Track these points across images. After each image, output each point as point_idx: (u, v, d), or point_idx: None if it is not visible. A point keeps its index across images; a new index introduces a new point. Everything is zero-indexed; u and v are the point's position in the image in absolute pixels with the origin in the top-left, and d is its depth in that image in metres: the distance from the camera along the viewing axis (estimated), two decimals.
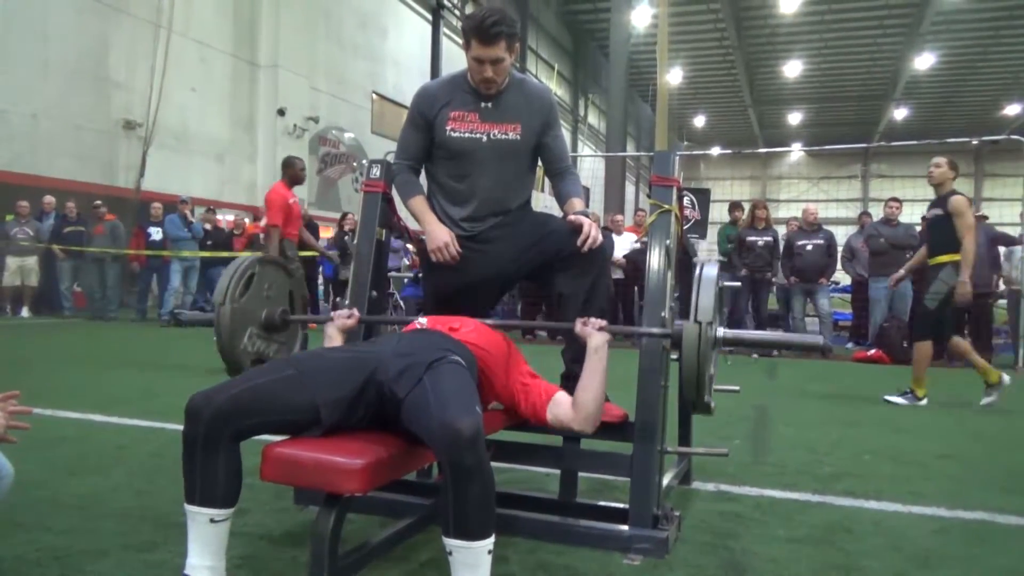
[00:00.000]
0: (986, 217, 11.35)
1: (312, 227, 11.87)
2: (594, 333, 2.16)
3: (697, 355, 2.00)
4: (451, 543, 1.61)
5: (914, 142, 25.58)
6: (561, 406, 2.12)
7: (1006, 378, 5.44)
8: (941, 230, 5.34)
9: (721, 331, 2.13)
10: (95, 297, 11.04)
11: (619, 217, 11.12)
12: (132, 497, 2.54)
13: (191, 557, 1.66)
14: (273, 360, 1.80)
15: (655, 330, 2.25)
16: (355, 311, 2.44)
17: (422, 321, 2.23)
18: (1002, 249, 8.99)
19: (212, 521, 1.65)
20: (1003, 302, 9.48)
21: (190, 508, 1.65)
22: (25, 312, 10.56)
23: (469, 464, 1.56)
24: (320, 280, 12.43)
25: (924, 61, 26.95)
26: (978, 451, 3.85)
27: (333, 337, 2.37)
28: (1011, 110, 31.75)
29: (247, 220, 12.57)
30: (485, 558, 1.62)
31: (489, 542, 1.62)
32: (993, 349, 8.80)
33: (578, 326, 2.20)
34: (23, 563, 1.95)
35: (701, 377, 2.01)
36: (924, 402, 5.40)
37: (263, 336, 2.42)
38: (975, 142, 33.90)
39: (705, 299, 2.06)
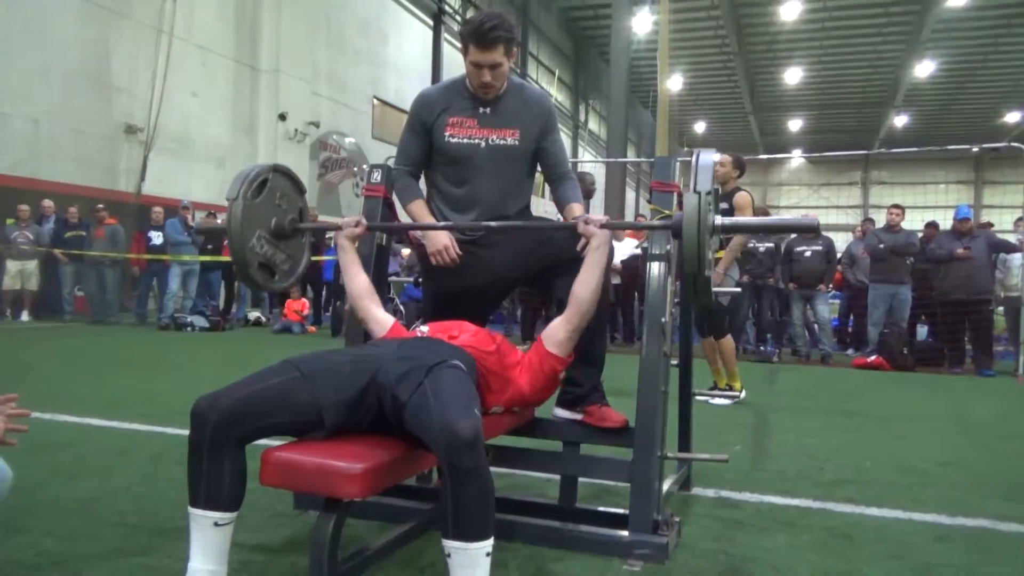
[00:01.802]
0: (991, 224, 11.36)
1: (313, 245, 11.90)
2: (596, 231, 2.23)
3: (698, 224, 2.01)
4: (449, 544, 1.62)
5: (914, 149, 25.63)
6: (554, 327, 2.22)
7: (743, 394, 5.44)
8: None
9: (718, 219, 2.17)
10: (95, 301, 11.05)
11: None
12: (131, 501, 2.54)
13: (193, 561, 1.66)
14: (276, 363, 1.80)
15: (656, 223, 2.31)
16: (363, 219, 2.46)
17: (423, 329, 2.23)
18: (1001, 256, 8.99)
19: (216, 525, 1.65)
20: (1002, 309, 9.48)
21: (194, 511, 1.66)
22: (25, 316, 10.55)
23: (467, 466, 1.58)
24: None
25: (924, 69, 26.99)
26: (979, 459, 3.84)
27: (345, 247, 2.41)
28: (1011, 118, 31.79)
29: None
30: (483, 560, 1.62)
31: (487, 544, 1.62)
32: (993, 356, 8.79)
33: (580, 225, 2.26)
34: (22, 567, 1.95)
35: (701, 248, 2.03)
36: (743, 395, 5.39)
37: (271, 242, 2.43)
38: (975, 149, 34.04)
39: (703, 176, 2.10)
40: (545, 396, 2.28)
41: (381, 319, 2.31)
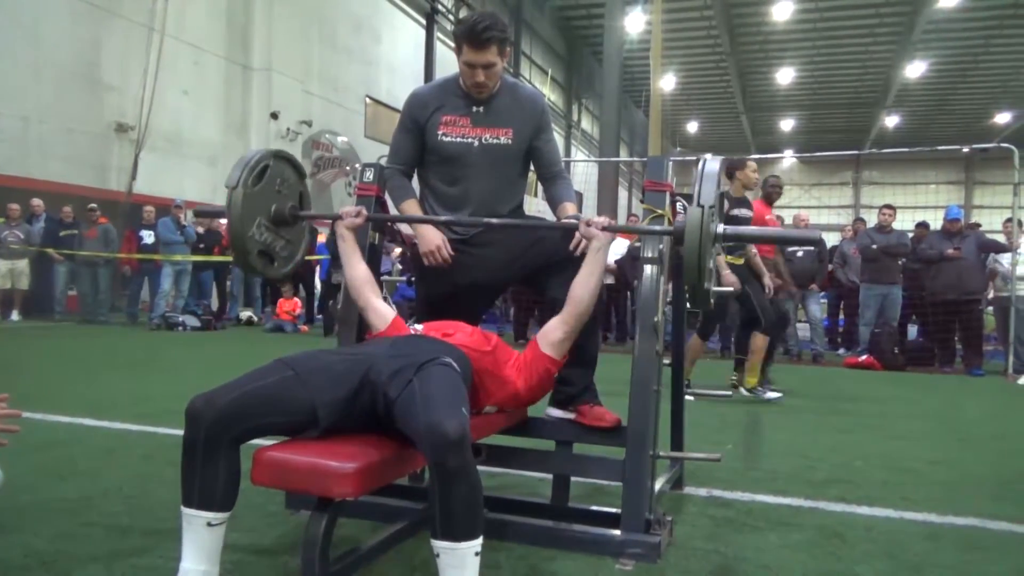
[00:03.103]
0: (979, 225, 11.42)
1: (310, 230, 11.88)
2: (597, 233, 2.24)
3: (700, 238, 2.01)
4: (438, 544, 1.62)
5: (905, 149, 25.73)
6: (549, 328, 2.22)
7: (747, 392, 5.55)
8: None
9: (720, 227, 2.15)
10: (87, 301, 11.00)
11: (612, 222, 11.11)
12: (122, 502, 2.52)
13: (185, 561, 1.65)
14: (270, 362, 1.79)
15: (657, 228, 2.30)
16: (362, 209, 2.46)
17: (417, 328, 2.23)
18: (991, 256, 9.04)
19: (209, 525, 1.64)
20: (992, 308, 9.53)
21: (187, 511, 1.65)
22: (15, 316, 10.50)
23: (455, 466, 1.57)
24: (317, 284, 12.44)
25: (915, 69, 27.10)
26: (969, 458, 3.86)
27: (345, 236, 2.41)
28: (1001, 118, 31.95)
29: None
30: (472, 560, 1.62)
31: (475, 544, 1.62)
32: (983, 355, 8.84)
33: (582, 227, 2.27)
34: (11, 568, 1.93)
35: (702, 261, 2.02)
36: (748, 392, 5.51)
37: (271, 229, 2.42)
38: (965, 150, 34.18)
39: (708, 187, 2.08)
40: (538, 396, 2.28)
41: (381, 309, 2.30)
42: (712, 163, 2.17)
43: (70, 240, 10.78)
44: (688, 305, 2.74)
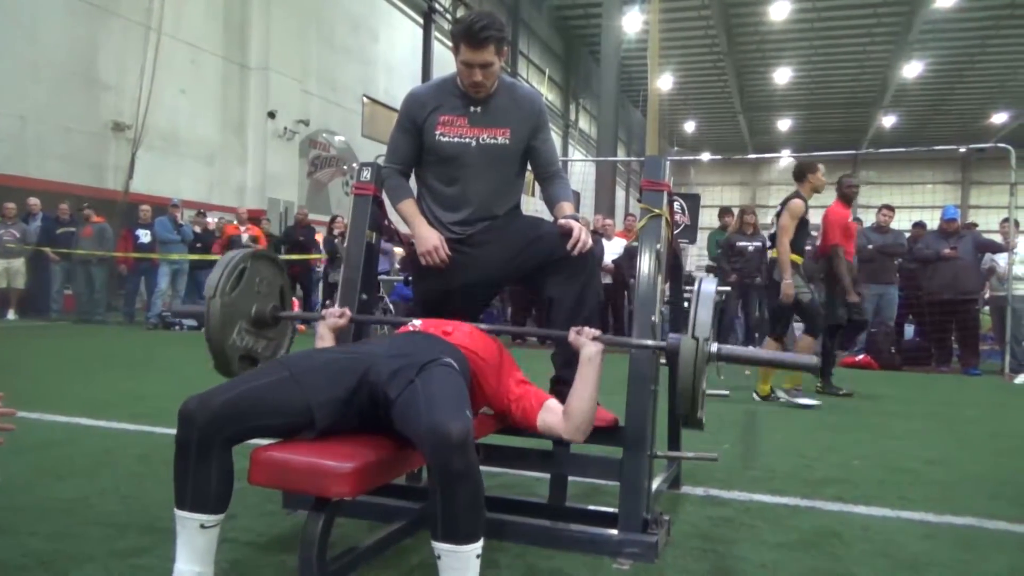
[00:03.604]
0: (975, 225, 11.44)
1: (308, 230, 11.86)
2: (588, 343, 2.11)
3: (693, 371, 1.96)
4: (439, 547, 1.60)
5: (902, 149, 25.75)
6: (552, 413, 2.09)
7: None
8: None
9: (715, 347, 2.11)
10: (83, 300, 10.98)
11: (608, 221, 11.11)
12: (119, 501, 2.52)
13: (179, 563, 1.64)
14: (266, 362, 1.78)
15: (649, 342, 2.22)
16: (346, 310, 2.42)
17: (415, 323, 2.22)
18: (987, 256, 9.06)
19: (202, 527, 1.63)
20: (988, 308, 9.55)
21: (180, 513, 1.64)
22: (11, 315, 10.48)
23: (458, 468, 1.56)
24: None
25: (912, 69, 27.13)
26: (966, 457, 3.87)
27: (324, 336, 2.35)
28: (998, 118, 32.00)
29: (234, 221, 12.44)
30: (473, 562, 1.61)
31: (477, 546, 1.61)
32: (980, 355, 8.86)
33: (572, 335, 2.16)
34: (8, 568, 1.93)
35: (696, 392, 1.99)
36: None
37: (252, 332, 2.39)
38: (962, 150, 34.22)
39: (703, 314, 2.01)
40: (519, 426, 2.22)
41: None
42: (708, 284, 2.09)
43: (67, 238, 10.76)
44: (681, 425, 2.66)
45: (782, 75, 29.22)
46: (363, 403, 1.80)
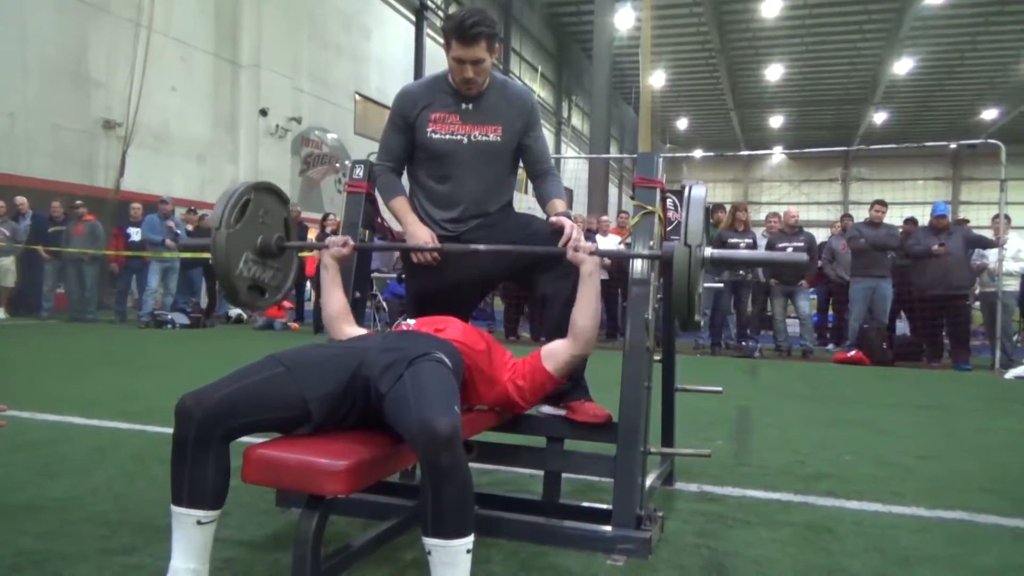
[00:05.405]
0: (966, 221, 11.49)
1: (301, 228, 11.84)
2: (586, 258, 2.24)
3: (688, 276, 2.02)
4: (429, 542, 1.61)
5: (893, 145, 25.90)
6: (554, 352, 2.24)
7: None
8: None
9: (708, 251, 2.16)
10: (74, 298, 10.93)
11: (604, 218, 11.14)
12: (111, 500, 2.51)
13: (175, 560, 1.64)
14: (261, 359, 1.78)
15: (644, 251, 2.31)
16: (348, 239, 2.45)
17: (409, 323, 2.23)
18: (977, 252, 9.09)
19: (199, 523, 1.63)
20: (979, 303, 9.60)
21: (177, 510, 1.64)
22: (2, 313, 10.42)
23: (446, 464, 1.56)
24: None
25: (903, 66, 27.25)
26: (957, 452, 3.89)
27: (329, 266, 2.41)
28: (988, 115, 32.18)
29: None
30: (463, 557, 1.61)
31: (467, 541, 1.62)
32: (970, 350, 8.90)
33: (569, 252, 2.27)
34: (0, 567, 1.92)
35: (692, 295, 2.04)
36: None
37: (259, 262, 2.41)
38: (953, 146, 34.38)
39: (694, 222, 2.09)
40: (529, 405, 2.31)
41: (353, 336, 2.30)
42: (698, 190, 2.15)
43: (58, 237, 10.70)
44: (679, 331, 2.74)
45: (774, 72, 29.32)
46: (358, 398, 1.81)
